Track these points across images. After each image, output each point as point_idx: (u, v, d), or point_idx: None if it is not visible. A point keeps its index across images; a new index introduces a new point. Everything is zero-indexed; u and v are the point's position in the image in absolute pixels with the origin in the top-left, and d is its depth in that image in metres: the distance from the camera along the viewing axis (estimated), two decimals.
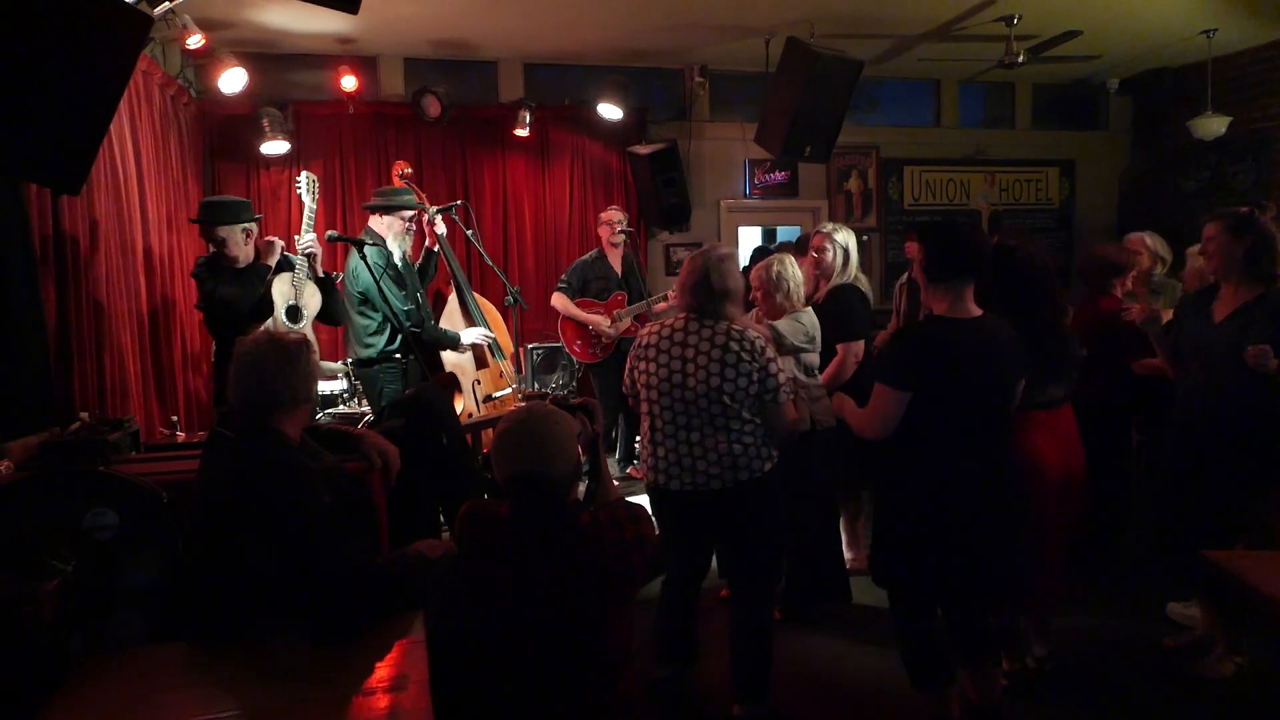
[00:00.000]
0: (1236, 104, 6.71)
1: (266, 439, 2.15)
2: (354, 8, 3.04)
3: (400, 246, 4.43)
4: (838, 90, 5.46)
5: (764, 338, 2.87)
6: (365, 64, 6.28)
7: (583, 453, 2.22)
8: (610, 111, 6.27)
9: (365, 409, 4.73)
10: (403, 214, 4.44)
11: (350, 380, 4.95)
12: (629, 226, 5.71)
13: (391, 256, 4.37)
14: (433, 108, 6.01)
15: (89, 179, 3.32)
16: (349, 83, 5.92)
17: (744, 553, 2.94)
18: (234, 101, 5.59)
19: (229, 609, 2.05)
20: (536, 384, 5.83)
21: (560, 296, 5.57)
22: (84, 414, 3.14)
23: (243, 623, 2.02)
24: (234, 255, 3.84)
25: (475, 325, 4.87)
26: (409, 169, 5.11)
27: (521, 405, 2.31)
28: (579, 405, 2.34)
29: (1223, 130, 6.52)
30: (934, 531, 2.51)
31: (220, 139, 5.92)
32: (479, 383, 4.83)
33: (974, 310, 2.57)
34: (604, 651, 1.96)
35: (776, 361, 2.82)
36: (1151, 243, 4.23)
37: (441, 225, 4.84)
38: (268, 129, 5.63)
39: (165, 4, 3.94)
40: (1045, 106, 8.07)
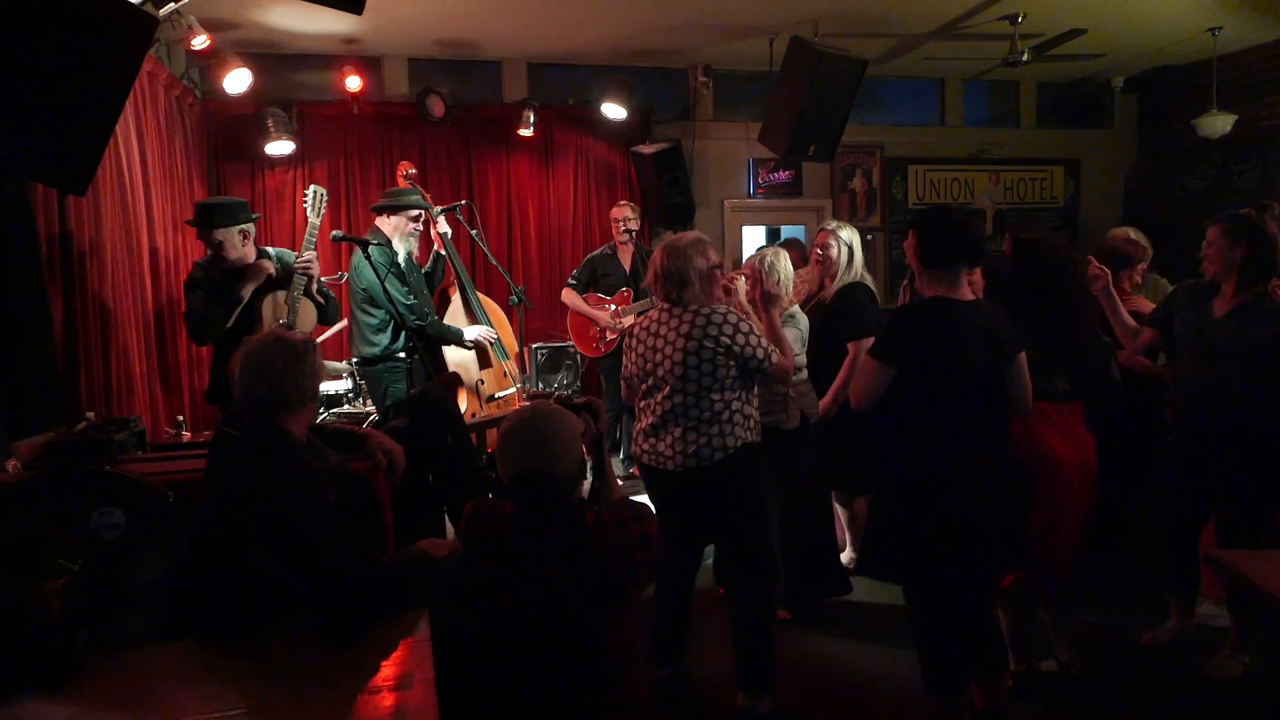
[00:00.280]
0: (1242, 102, 6.69)
1: (273, 438, 2.15)
2: (358, 8, 3.04)
3: (405, 246, 4.42)
4: (842, 89, 5.45)
5: (738, 313, 2.90)
6: (370, 64, 6.29)
7: (587, 452, 2.23)
8: (614, 111, 6.28)
9: (370, 408, 4.74)
10: (409, 214, 4.44)
11: (355, 380, 4.96)
12: (634, 225, 5.70)
13: (396, 256, 4.37)
14: (437, 108, 6.02)
15: (95, 180, 3.32)
16: (353, 83, 5.94)
17: (725, 537, 2.98)
18: (239, 102, 5.61)
19: (235, 608, 2.05)
20: (541, 383, 5.83)
21: (569, 292, 5.65)
22: (90, 413, 3.15)
23: (248, 621, 2.03)
24: (232, 257, 3.75)
25: (479, 325, 4.88)
26: (413, 169, 5.12)
27: (525, 404, 2.31)
28: (583, 404, 2.35)
29: (1228, 129, 6.50)
30: (945, 517, 2.50)
31: (225, 139, 5.93)
32: (483, 382, 4.84)
33: (968, 295, 2.58)
34: (609, 650, 1.96)
35: (753, 332, 2.85)
36: (1135, 238, 4.22)
37: (446, 225, 4.85)
38: (272, 129, 5.65)
39: (171, 5, 3.95)
40: (1050, 105, 8.05)
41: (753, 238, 7.81)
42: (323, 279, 4.02)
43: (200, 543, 2.17)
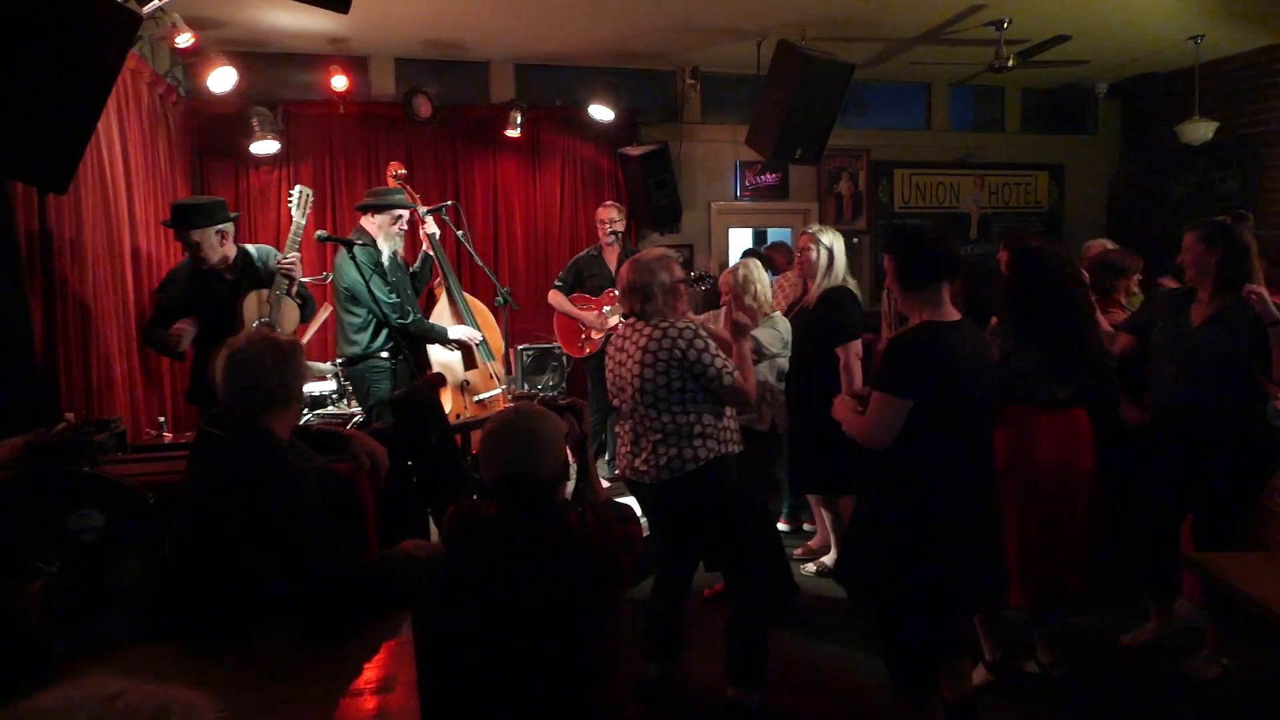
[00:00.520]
0: (1224, 109, 6.75)
1: (257, 438, 2.14)
2: (344, 7, 3.04)
3: (390, 246, 4.42)
4: (829, 93, 5.48)
5: (695, 328, 2.87)
6: (356, 64, 6.27)
7: (571, 453, 2.23)
8: (601, 113, 6.28)
9: (354, 410, 4.72)
10: (394, 213, 4.43)
11: (340, 381, 4.93)
12: (619, 227, 5.70)
13: (380, 256, 4.36)
14: (424, 108, 6.00)
15: (76, 178, 3.30)
16: (339, 82, 5.90)
17: (711, 545, 3.00)
18: (223, 101, 5.56)
19: (217, 610, 2.03)
20: (527, 385, 5.82)
21: (555, 294, 5.64)
22: (70, 414, 3.12)
23: (230, 624, 2.01)
24: (212, 259, 3.70)
25: (464, 325, 4.87)
26: (402, 169, 5.10)
27: (509, 406, 2.31)
28: (567, 406, 2.35)
29: (1210, 135, 6.56)
30: (945, 536, 2.49)
31: (209, 138, 5.89)
32: (468, 383, 4.83)
33: (953, 313, 2.57)
34: (592, 652, 1.96)
35: (709, 349, 2.83)
36: (1112, 247, 4.27)
37: (434, 226, 4.84)
38: (257, 128, 5.61)
39: (154, 2, 3.92)
40: (1035, 110, 8.11)
41: (739, 240, 7.83)
42: (306, 279, 4.00)
43: (182, 544, 2.15)
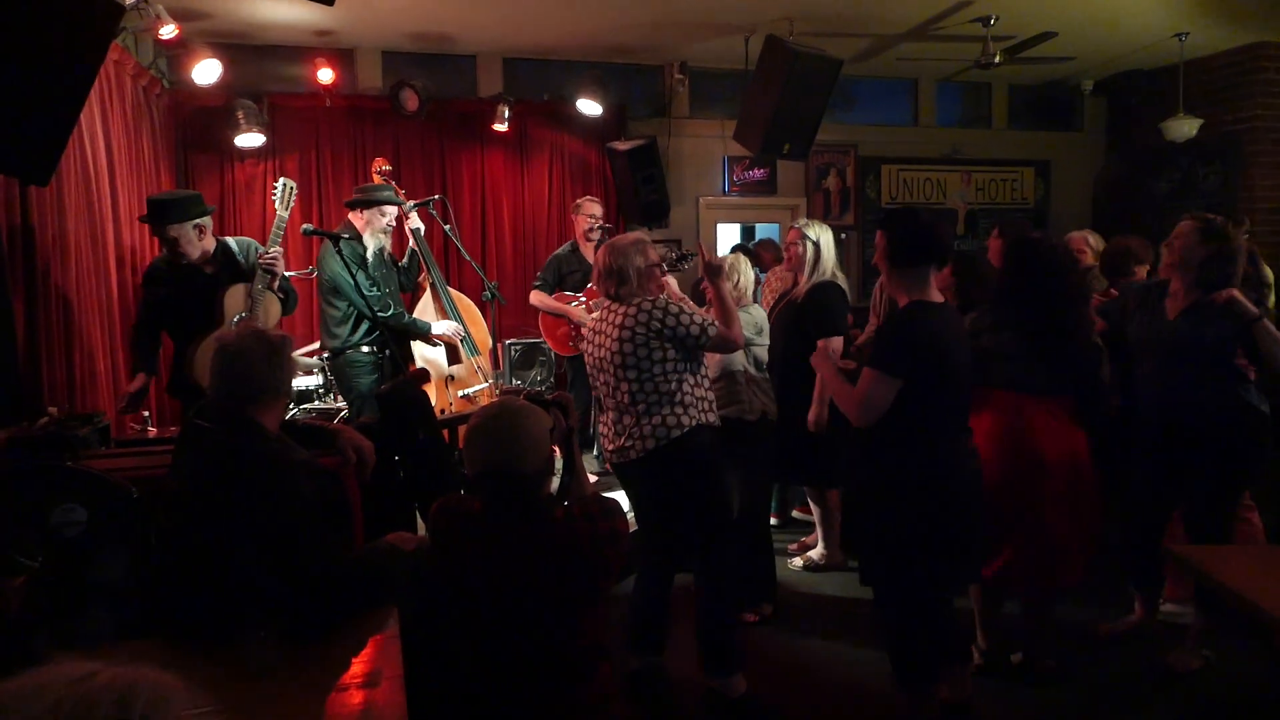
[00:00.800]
0: (1207, 107, 6.81)
1: (247, 431, 2.14)
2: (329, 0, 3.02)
3: (375, 242, 4.42)
4: (816, 88, 5.49)
5: (668, 301, 2.94)
6: (342, 56, 6.23)
7: (557, 448, 2.23)
8: (589, 107, 6.26)
9: (340, 404, 4.71)
10: (381, 209, 4.42)
11: (325, 375, 4.92)
12: (606, 223, 5.67)
13: (365, 251, 4.37)
14: (410, 101, 5.97)
15: (58, 170, 3.27)
16: (325, 75, 5.87)
17: (680, 521, 3.01)
18: (208, 93, 5.53)
19: (203, 604, 2.02)
20: (515, 379, 5.80)
21: (538, 294, 5.42)
22: (52, 409, 3.10)
23: (216, 618, 2.00)
24: (191, 255, 3.65)
25: (448, 320, 4.85)
26: (387, 165, 5.08)
27: (494, 400, 2.31)
28: (553, 400, 2.34)
29: (1193, 132, 6.61)
30: (944, 517, 2.54)
31: (193, 131, 5.84)
32: (453, 378, 4.82)
33: (937, 297, 2.62)
34: (578, 646, 1.96)
35: (684, 312, 2.90)
36: (1094, 241, 4.28)
37: (418, 220, 4.82)
38: (242, 121, 5.57)
39: None
40: (1021, 107, 8.15)
41: (728, 235, 7.84)
42: (290, 273, 3.98)
43: (168, 537, 2.13)
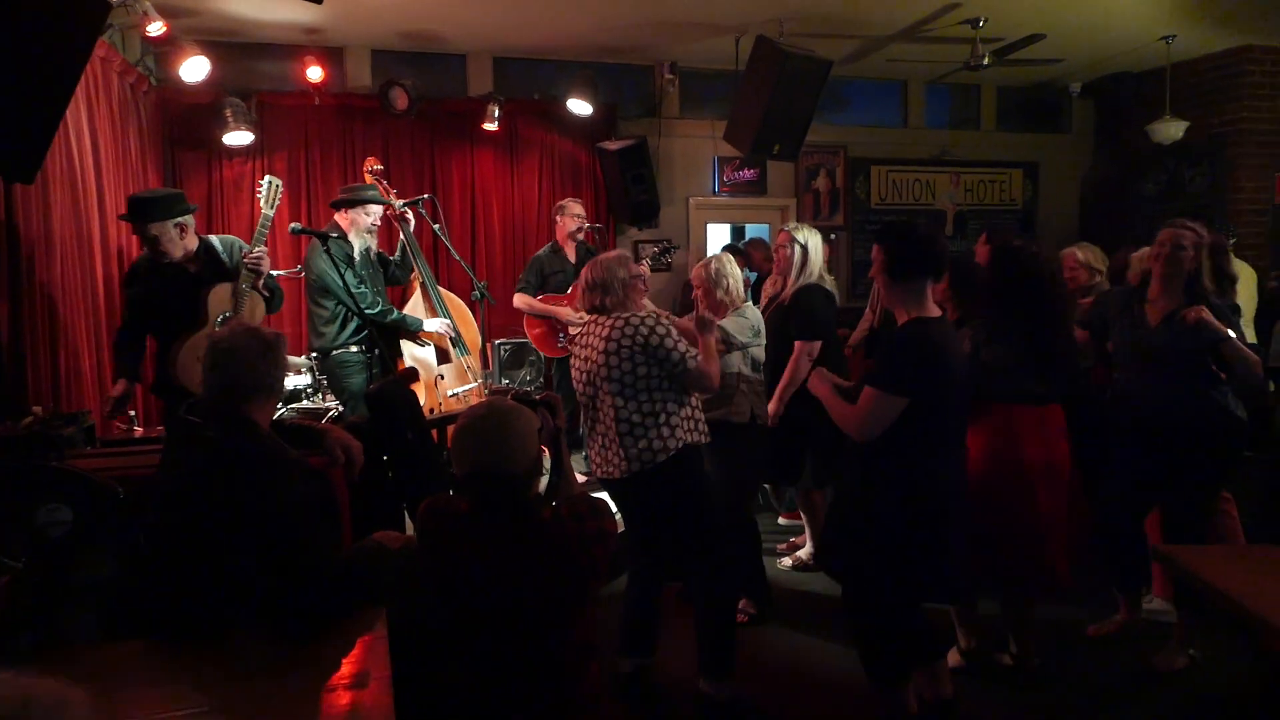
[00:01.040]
0: (1194, 109, 6.85)
1: (241, 429, 2.13)
2: None
3: (361, 242, 4.42)
4: (806, 89, 5.50)
5: (656, 317, 2.94)
6: (331, 55, 6.20)
7: (545, 448, 2.22)
8: (580, 107, 6.26)
9: (329, 404, 4.69)
10: (366, 209, 4.42)
11: (314, 375, 4.90)
12: (592, 223, 5.66)
13: (352, 250, 4.36)
14: (400, 100, 5.95)
15: (44, 168, 3.25)
16: (314, 73, 5.84)
17: (679, 536, 3.01)
18: (196, 91, 5.50)
19: (192, 604, 2.02)
20: (505, 379, 5.79)
21: (522, 296, 5.40)
22: (37, 408, 3.08)
23: (204, 619, 2.00)
24: (173, 254, 3.62)
25: (438, 319, 4.84)
26: (378, 165, 5.06)
27: (482, 400, 2.31)
28: (541, 400, 2.34)
29: (1180, 135, 6.66)
30: (937, 527, 2.55)
31: (181, 129, 5.81)
32: (443, 377, 4.81)
33: (935, 310, 2.62)
34: (567, 646, 1.96)
35: (670, 334, 2.88)
36: (1083, 256, 4.28)
37: (409, 215, 4.82)
38: (230, 119, 5.55)
39: None
40: (1010, 109, 8.19)
41: (717, 235, 7.85)
42: (278, 272, 3.96)
43: (159, 536, 2.12)
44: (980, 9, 5.52)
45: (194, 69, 4.98)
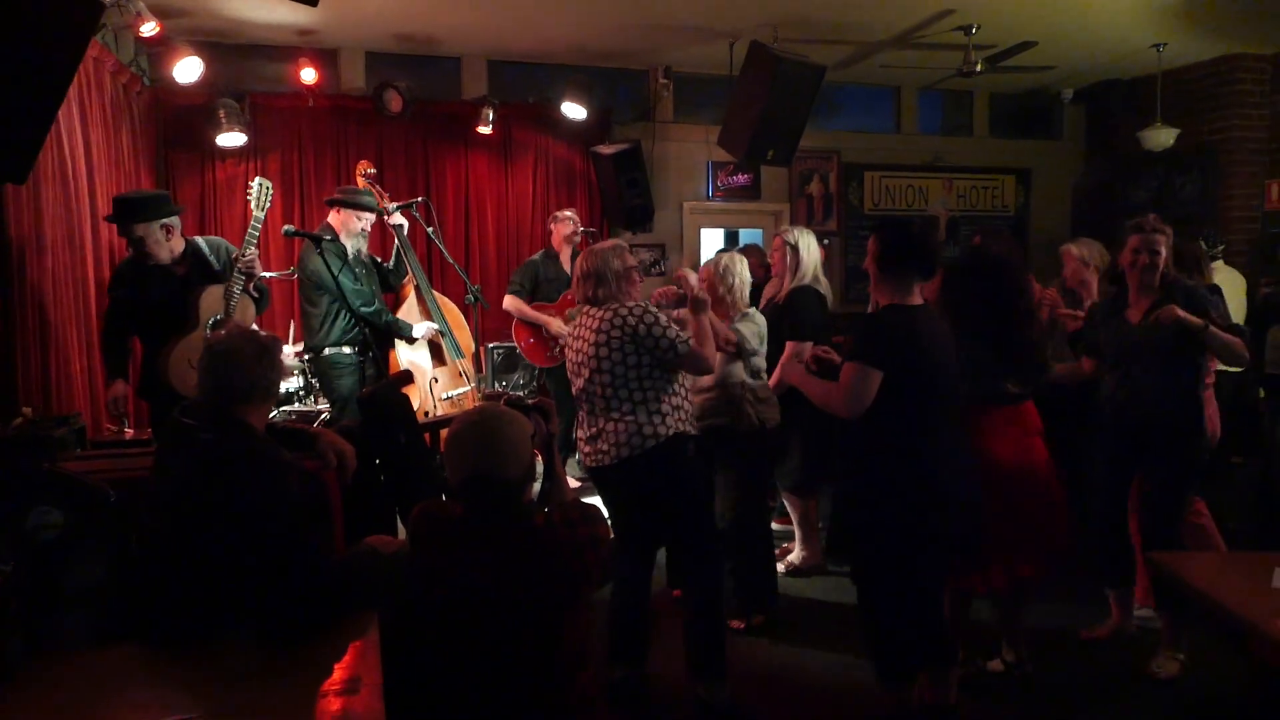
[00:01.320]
0: (1184, 117, 6.89)
1: (237, 431, 2.13)
2: (314, 0, 3.01)
3: (353, 244, 4.42)
4: (800, 95, 5.51)
5: (645, 306, 2.97)
6: (326, 56, 6.19)
7: (538, 454, 2.22)
8: (574, 111, 6.26)
9: (320, 407, 4.68)
10: (358, 213, 4.41)
11: (307, 377, 4.88)
12: (586, 228, 5.66)
13: (345, 251, 4.36)
14: (394, 103, 5.94)
15: (35, 168, 3.23)
16: (309, 75, 5.83)
17: (671, 527, 3.02)
18: (189, 91, 5.47)
19: (184, 608, 2.01)
20: (498, 383, 5.78)
21: (513, 299, 5.33)
22: (27, 410, 3.06)
23: (196, 623, 1.99)
24: (159, 255, 3.60)
25: (430, 322, 4.83)
26: (371, 169, 5.05)
27: (476, 406, 2.31)
28: (534, 405, 2.34)
29: (1171, 142, 6.70)
30: (932, 513, 2.59)
31: (174, 130, 5.79)
32: (436, 380, 4.80)
33: (919, 300, 2.71)
34: (560, 653, 1.95)
35: (660, 321, 2.91)
36: (1079, 251, 4.29)
37: (400, 218, 4.81)
38: (224, 120, 5.53)
39: None
40: (1002, 115, 8.22)
41: (711, 240, 7.86)
42: (269, 274, 3.95)
43: (152, 539, 2.11)
44: (973, 16, 5.55)
45: (187, 70, 4.96)
